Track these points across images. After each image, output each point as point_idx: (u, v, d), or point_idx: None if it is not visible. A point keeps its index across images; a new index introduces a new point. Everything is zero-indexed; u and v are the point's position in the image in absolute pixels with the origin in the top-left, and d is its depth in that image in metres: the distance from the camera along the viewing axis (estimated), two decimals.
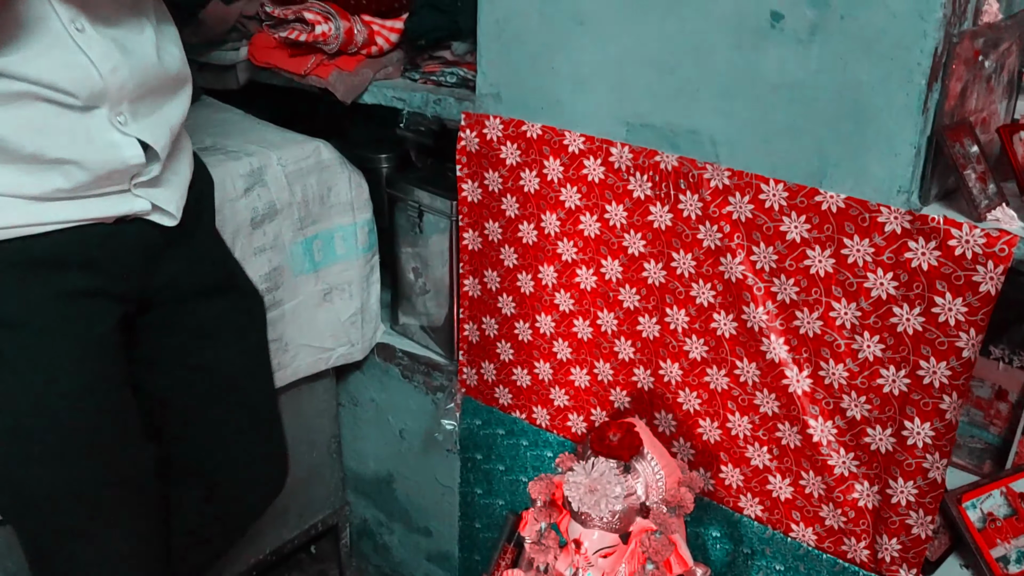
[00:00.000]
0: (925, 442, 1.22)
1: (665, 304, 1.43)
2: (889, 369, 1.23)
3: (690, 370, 1.44)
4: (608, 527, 1.36)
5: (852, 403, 1.28)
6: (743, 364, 1.37)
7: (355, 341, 1.84)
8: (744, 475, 1.43)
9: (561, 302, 1.56)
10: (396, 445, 1.97)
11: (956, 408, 1.20)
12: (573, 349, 1.58)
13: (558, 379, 1.62)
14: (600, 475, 1.35)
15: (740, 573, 1.48)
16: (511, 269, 1.61)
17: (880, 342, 1.23)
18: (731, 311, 1.36)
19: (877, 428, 1.27)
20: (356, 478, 2.08)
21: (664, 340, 1.45)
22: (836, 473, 1.32)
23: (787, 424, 1.35)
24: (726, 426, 1.43)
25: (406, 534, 2.03)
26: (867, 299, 1.22)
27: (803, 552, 1.40)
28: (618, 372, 1.53)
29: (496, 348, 1.69)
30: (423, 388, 1.86)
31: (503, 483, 1.78)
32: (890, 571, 1.31)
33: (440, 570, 1.99)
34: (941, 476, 1.23)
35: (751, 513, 1.45)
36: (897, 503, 1.27)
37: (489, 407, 1.75)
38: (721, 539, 1.49)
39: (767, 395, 1.36)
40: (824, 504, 1.35)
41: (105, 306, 1.20)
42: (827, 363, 1.28)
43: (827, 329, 1.27)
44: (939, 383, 1.19)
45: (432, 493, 1.94)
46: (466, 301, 1.71)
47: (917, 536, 1.27)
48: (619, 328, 1.50)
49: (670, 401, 1.48)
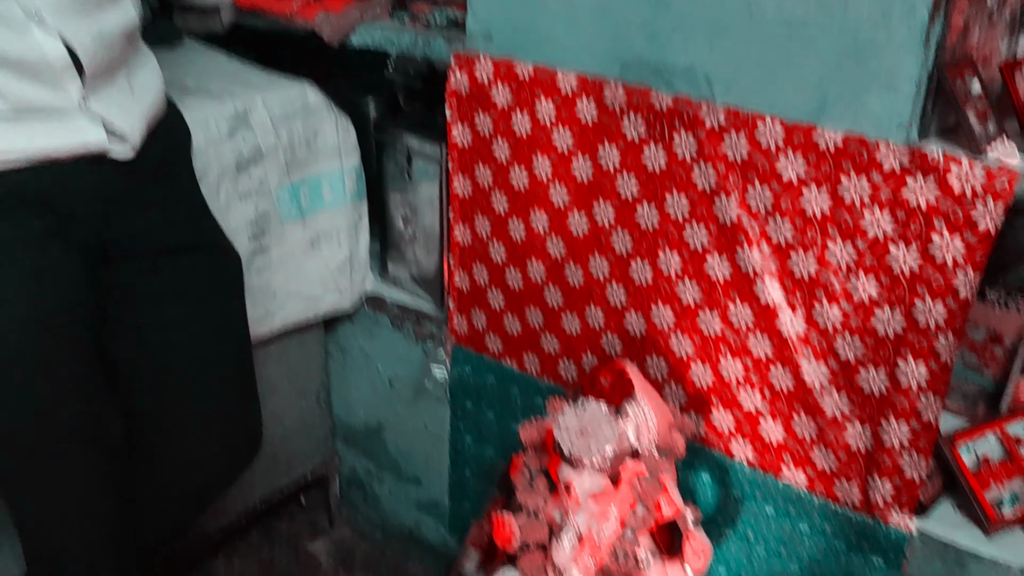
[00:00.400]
0: (919, 383, 1.21)
1: (658, 248, 1.41)
2: (884, 310, 1.21)
3: (683, 314, 1.42)
4: (599, 470, 1.35)
5: (846, 345, 1.26)
6: (736, 307, 1.36)
7: (344, 290, 1.82)
8: (736, 419, 1.43)
9: (552, 248, 1.53)
10: (386, 394, 1.95)
11: (951, 349, 1.18)
12: (564, 295, 1.56)
13: (549, 326, 1.60)
14: (591, 418, 1.34)
15: (730, 517, 1.48)
16: (502, 216, 1.58)
17: (876, 282, 1.21)
18: (725, 253, 1.34)
19: (871, 369, 1.25)
20: (345, 428, 2.07)
21: (657, 284, 1.43)
22: (828, 415, 1.32)
23: (780, 367, 1.34)
24: (718, 370, 1.42)
25: (396, 484, 2.03)
26: (864, 239, 1.20)
27: (794, 495, 1.39)
28: (610, 317, 1.52)
29: (487, 296, 1.67)
30: (413, 337, 1.85)
31: (493, 431, 1.78)
32: (882, 513, 1.31)
33: (430, 519, 1.99)
34: (935, 418, 1.23)
35: (742, 457, 1.44)
36: (890, 445, 1.27)
37: (479, 355, 1.73)
38: (711, 484, 1.49)
39: (760, 338, 1.35)
40: (816, 447, 1.35)
41: (60, 247, 1.15)
42: (821, 304, 1.27)
43: (822, 270, 1.25)
44: (935, 324, 1.18)
45: (422, 442, 1.93)
46: (456, 249, 1.68)
47: (910, 479, 1.27)
48: (611, 273, 1.48)
49: (662, 346, 1.47)
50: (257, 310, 1.68)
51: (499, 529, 1.47)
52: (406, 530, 2.05)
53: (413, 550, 2.05)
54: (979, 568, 1.25)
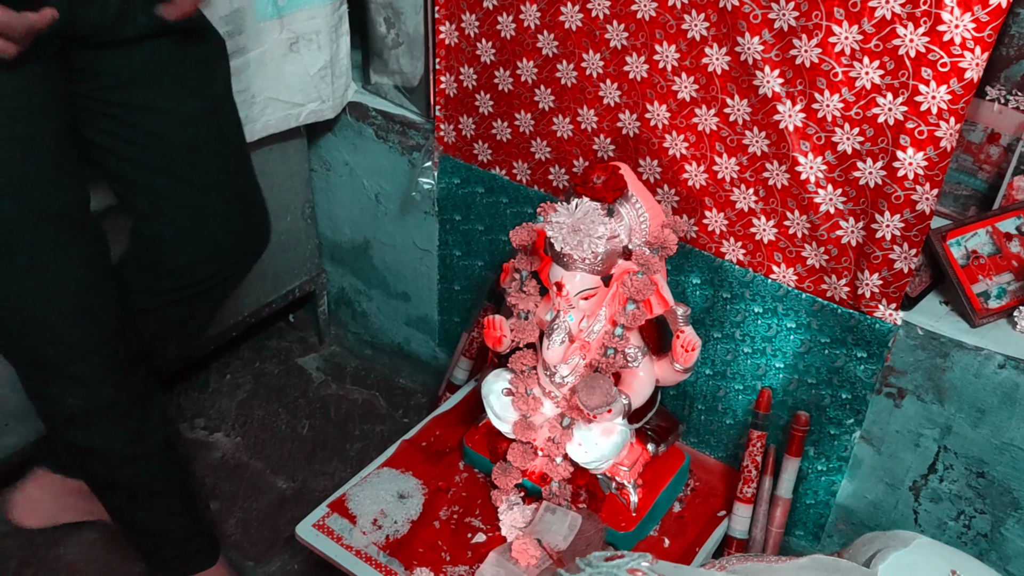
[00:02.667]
0: (916, 172, 1.20)
1: (654, 40, 1.35)
2: (886, 96, 1.18)
3: (678, 111, 1.38)
4: (590, 269, 1.35)
5: (845, 136, 1.24)
6: (734, 102, 1.32)
7: (325, 97, 1.76)
8: (728, 219, 1.42)
9: (544, 44, 1.47)
10: (372, 210, 1.93)
11: (952, 136, 1.16)
12: (556, 96, 1.51)
13: (540, 130, 1.56)
14: (583, 215, 1.32)
15: (719, 316, 1.49)
16: (490, 10, 1.51)
17: (879, 68, 1.17)
18: (724, 43, 1.29)
19: (868, 161, 1.24)
20: (332, 246, 2.06)
21: (652, 80, 1.39)
22: (822, 211, 1.31)
23: (775, 163, 1.32)
24: (712, 169, 1.39)
25: (384, 300, 2.04)
26: (871, 19, 1.15)
27: (783, 292, 1.41)
28: (602, 118, 1.48)
29: (475, 100, 1.62)
30: (398, 148, 1.80)
31: (482, 243, 1.77)
32: (869, 306, 1.33)
33: (419, 333, 2.01)
34: (930, 208, 1.22)
35: (733, 258, 1.44)
36: (882, 237, 1.26)
37: (468, 164, 1.70)
38: (702, 285, 1.50)
39: (757, 133, 1.32)
40: (807, 243, 1.35)
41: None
42: (822, 94, 1.23)
43: (824, 57, 1.21)
44: (937, 108, 1.15)
45: (410, 257, 1.92)
46: (443, 50, 1.61)
47: (899, 270, 1.28)
48: (605, 70, 1.43)
49: (656, 146, 1.44)
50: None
51: (489, 331, 1.48)
52: (395, 345, 2.08)
53: (403, 364, 2.08)
54: (961, 356, 1.28)
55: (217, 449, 1.90)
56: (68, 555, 1.67)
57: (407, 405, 2.02)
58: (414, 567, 1.42)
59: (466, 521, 1.50)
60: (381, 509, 1.51)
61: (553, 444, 1.44)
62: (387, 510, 1.51)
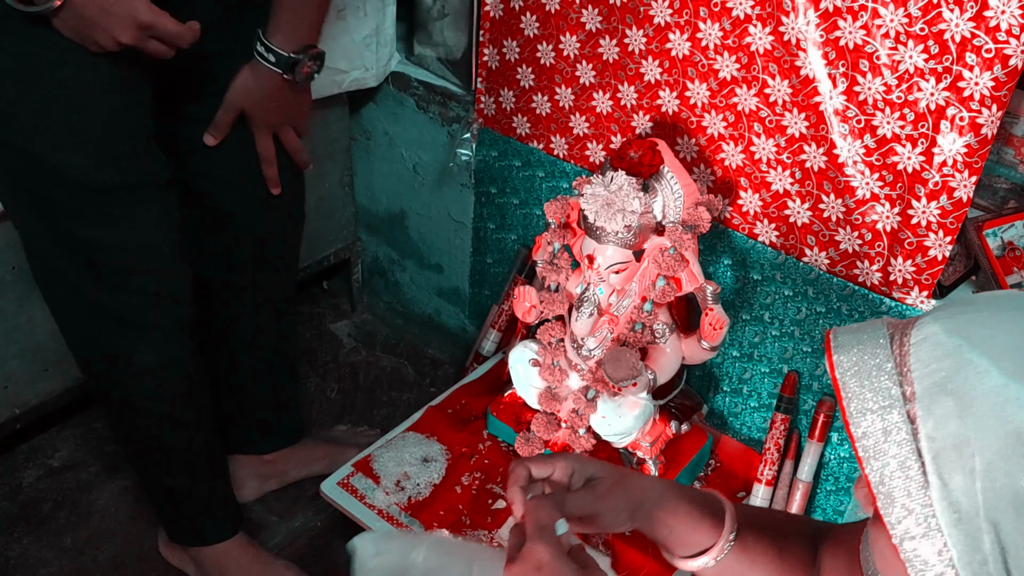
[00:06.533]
0: (955, 159, 1.19)
1: (699, 17, 1.36)
2: (929, 81, 1.18)
3: (718, 91, 1.39)
4: (623, 243, 1.36)
5: (885, 120, 1.24)
6: (775, 82, 1.32)
7: (369, 65, 1.78)
8: (763, 200, 1.42)
9: (588, 19, 1.48)
10: (409, 181, 1.95)
11: (994, 123, 1.16)
12: (597, 72, 1.52)
13: (579, 105, 1.57)
14: (618, 189, 1.33)
15: (748, 298, 1.50)
16: None
17: (923, 52, 1.17)
18: (768, 23, 1.29)
19: (907, 146, 1.23)
20: (368, 216, 2.08)
21: (694, 58, 1.39)
22: (858, 195, 1.31)
23: (813, 145, 1.32)
24: (750, 150, 1.40)
25: (417, 271, 2.06)
26: (916, 2, 1.14)
27: (814, 276, 1.41)
28: (642, 95, 1.48)
29: (516, 73, 1.63)
30: (438, 119, 1.82)
31: (517, 217, 1.78)
32: (901, 293, 1.32)
33: (450, 305, 2.03)
34: (967, 196, 1.21)
35: (766, 239, 1.45)
36: (917, 223, 1.26)
37: (506, 137, 1.71)
38: (732, 265, 1.50)
39: (796, 115, 1.32)
40: (841, 227, 1.35)
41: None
42: (864, 77, 1.23)
43: (868, 39, 1.20)
44: (980, 95, 1.14)
45: (445, 229, 1.94)
46: (487, 22, 1.63)
47: (933, 258, 1.27)
48: (647, 47, 1.43)
49: (694, 125, 1.44)
50: None
51: (519, 301, 1.50)
52: (426, 316, 2.10)
53: (432, 335, 2.11)
54: None
55: None
56: (99, 500, 1.71)
57: (435, 375, 2.04)
58: (434, 528, 1.45)
59: (487, 488, 1.52)
60: (405, 471, 1.54)
61: (577, 416, 1.46)
62: (411, 472, 1.54)
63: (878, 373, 0.58)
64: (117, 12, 1.07)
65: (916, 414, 0.55)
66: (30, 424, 1.70)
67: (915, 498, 0.54)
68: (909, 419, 0.56)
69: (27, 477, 1.74)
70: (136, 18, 1.08)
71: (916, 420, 0.55)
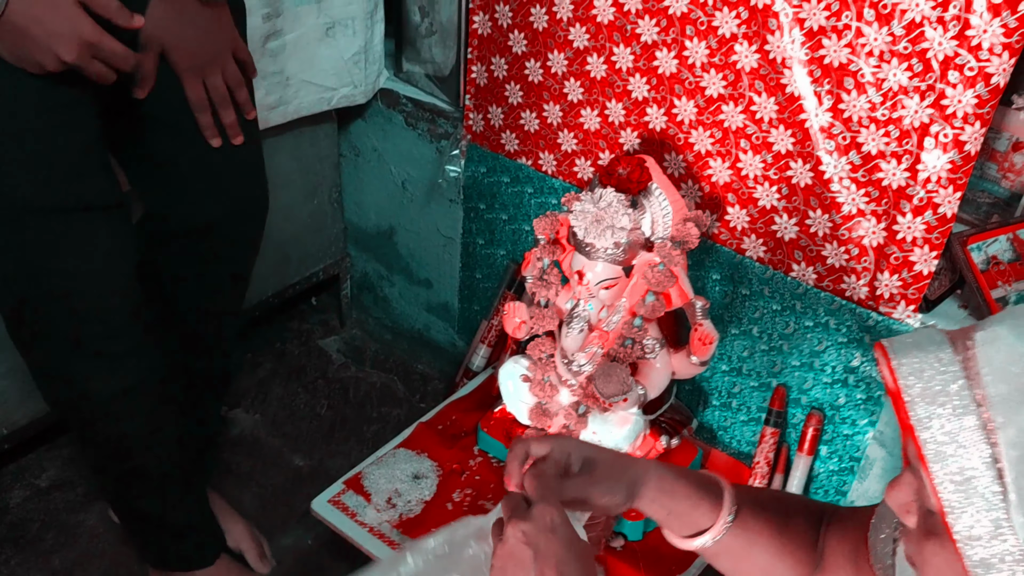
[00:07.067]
0: (940, 175, 1.21)
1: (685, 36, 1.37)
2: (913, 99, 1.19)
3: (705, 107, 1.40)
4: (612, 259, 1.37)
5: (870, 136, 1.25)
6: (761, 99, 1.33)
7: (358, 83, 1.79)
8: (750, 216, 1.43)
9: (576, 37, 1.49)
10: (398, 196, 1.95)
11: (977, 140, 1.17)
12: (585, 89, 1.53)
13: (567, 122, 1.58)
14: (608, 205, 1.34)
15: (737, 312, 1.51)
16: (524, 2, 1.53)
17: (907, 70, 1.18)
18: (754, 41, 1.30)
19: (892, 162, 1.25)
20: (357, 232, 2.09)
21: (681, 75, 1.40)
22: (844, 211, 1.32)
23: (799, 162, 1.34)
24: (737, 166, 1.41)
25: (406, 286, 2.06)
26: (900, 21, 1.16)
27: (801, 291, 1.42)
28: (630, 112, 1.49)
29: (505, 90, 1.64)
30: (427, 136, 1.83)
31: (505, 232, 1.79)
32: (887, 308, 1.34)
33: (439, 320, 2.04)
34: (952, 211, 1.23)
35: (753, 255, 1.46)
36: (903, 239, 1.27)
37: (495, 154, 1.72)
38: (721, 280, 1.51)
39: (783, 132, 1.33)
40: (828, 242, 1.36)
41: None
42: (849, 94, 1.24)
43: (853, 58, 1.22)
44: (963, 112, 1.16)
45: (433, 245, 1.95)
46: (475, 40, 1.64)
47: (919, 272, 1.29)
48: (635, 64, 1.45)
49: (682, 142, 1.46)
50: (270, 97, 1.65)
51: (509, 317, 1.50)
52: (415, 331, 2.10)
53: (422, 351, 2.11)
54: None
55: (236, 425, 1.93)
56: (87, 521, 1.70)
57: (424, 390, 2.04)
58: None
59: (479, 504, 1.52)
60: (396, 488, 1.53)
61: (567, 432, 1.46)
62: (401, 490, 1.54)
63: (945, 376, 0.56)
64: (60, 29, 1.02)
65: (993, 420, 0.54)
66: (17, 444, 1.69)
67: (991, 504, 0.53)
68: (983, 424, 0.54)
69: (14, 498, 1.73)
70: (81, 35, 1.03)
71: (993, 426, 0.54)
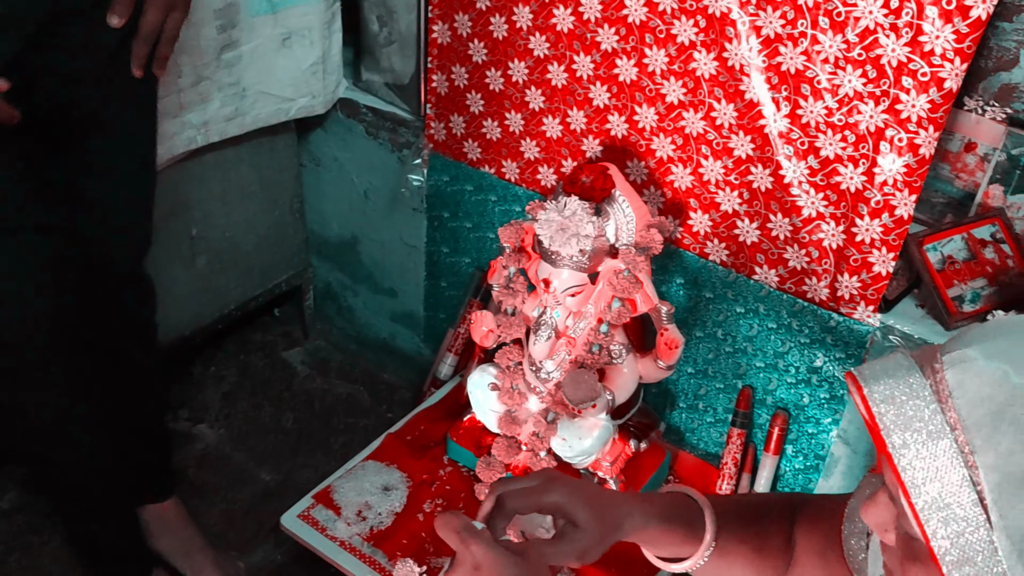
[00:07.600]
0: (896, 178, 1.24)
1: (645, 44, 1.38)
2: (868, 104, 1.22)
3: (666, 114, 1.41)
4: (577, 267, 1.38)
5: (827, 141, 1.27)
6: (720, 106, 1.35)
7: (316, 93, 1.77)
8: (712, 221, 1.45)
9: (536, 46, 1.50)
10: (360, 206, 1.94)
11: (931, 143, 1.20)
12: (546, 97, 1.54)
13: (529, 130, 1.59)
14: (572, 214, 1.35)
15: (702, 316, 1.52)
16: (483, 11, 1.53)
17: (862, 76, 1.21)
18: (713, 49, 1.32)
19: (849, 166, 1.27)
20: (320, 242, 2.07)
21: (641, 83, 1.41)
22: (804, 214, 1.34)
23: (760, 167, 1.35)
24: (698, 171, 1.42)
25: (371, 296, 2.05)
26: (854, 29, 1.18)
27: (764, 293, 1.44)
28: (591, 120, 1.50)
29: (466, 99, 1.64)
30: (388, 145, 1.82)
31: (470, 240, 1.79)
32: (848, 308, 1.36)
33: (405, 329, 2.03)
34: (908, 213, 1.26)
35: (716, 259, 1.47)
36: (861, 241, 1.30)
37: (457, 162, 1.72)
38: (685, 284, 1.53)
39: (742, 137, 1.35)
40: (789, 246, 1.38)
41: None
42: (806, 100, 1.26)
43: (809, 64, 1.24)
44: (917, 116, 1.18)
45: (397, 254, 1.94)
46: (435, 49, 1.63)
47: (878, 273, 1.31)
48: (595, 72, 1.46)
49: (643, 148, 1.47)
50: (227, 108, 1.63)
51: (476, 326, 1.50)
52: (381, 341, 2.09)
53: (388, 360, 2.10)
54: None
55: (200, 440, 1.91)
56: (51, 542, 1.67)
57: (391, 400, 2.03)
58: (398, 558, 1.44)
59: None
60: (366, 501, 1.53)
61: (537, 439, 1.46)
62: (372, 502, 1.53)
63: (917, 402, 0.56)
64: None
65: (970, 443, 0.54)
66: None
67: (972, 527, 0.53)
68: (959, 448, 0.54)
69: None
70: None
71: (970, 449, 0.54)
